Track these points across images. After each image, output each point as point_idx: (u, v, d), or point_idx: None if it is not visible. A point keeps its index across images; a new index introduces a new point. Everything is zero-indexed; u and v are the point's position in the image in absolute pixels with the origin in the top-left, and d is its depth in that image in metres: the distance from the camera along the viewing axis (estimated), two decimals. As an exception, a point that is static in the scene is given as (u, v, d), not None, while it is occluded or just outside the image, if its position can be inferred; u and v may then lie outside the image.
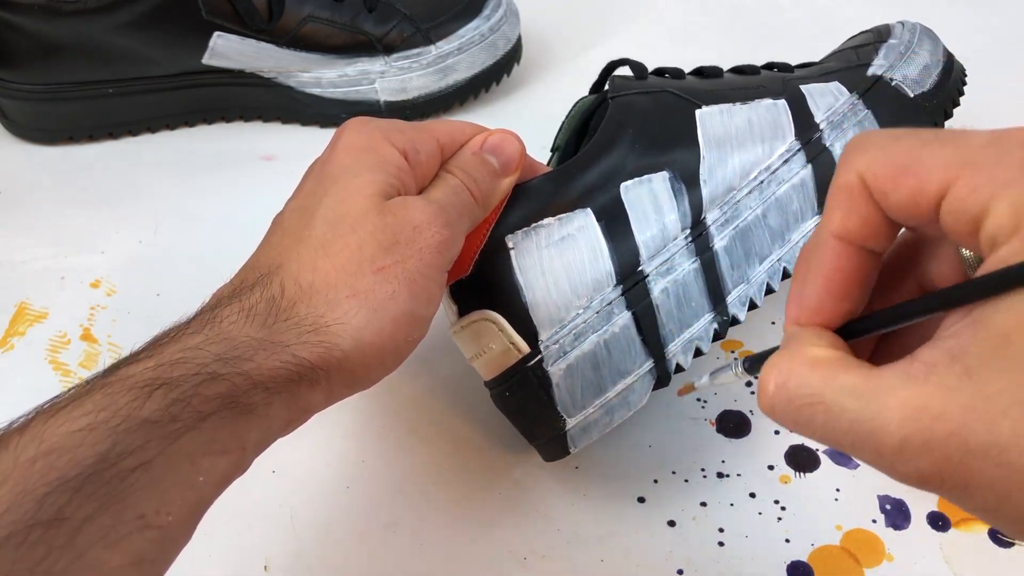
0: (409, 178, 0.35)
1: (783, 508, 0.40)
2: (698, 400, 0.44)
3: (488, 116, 0.62)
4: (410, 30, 0.58)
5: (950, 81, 0.48)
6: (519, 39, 0.62)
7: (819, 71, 0.47)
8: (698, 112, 0.42)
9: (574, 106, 0.45)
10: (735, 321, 0.40)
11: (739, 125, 0.42)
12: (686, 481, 0.41)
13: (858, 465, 0.42)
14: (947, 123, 0.47)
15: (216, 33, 0.56)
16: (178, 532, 0.26)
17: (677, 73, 0.45)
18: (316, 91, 0.59)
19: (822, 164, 0.43)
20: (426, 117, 0.61)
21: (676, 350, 0.39)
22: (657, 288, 0.39)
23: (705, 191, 0.41)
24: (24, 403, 0.46)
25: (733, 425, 0.43)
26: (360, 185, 0.33)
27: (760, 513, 0.40)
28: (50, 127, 0.59)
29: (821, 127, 0.43)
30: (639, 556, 0.39)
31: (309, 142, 0.60)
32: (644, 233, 0.40)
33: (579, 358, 0.38)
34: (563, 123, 0.45)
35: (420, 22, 0.58)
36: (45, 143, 0.60)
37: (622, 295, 0.39)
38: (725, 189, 0.41)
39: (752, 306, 0.41)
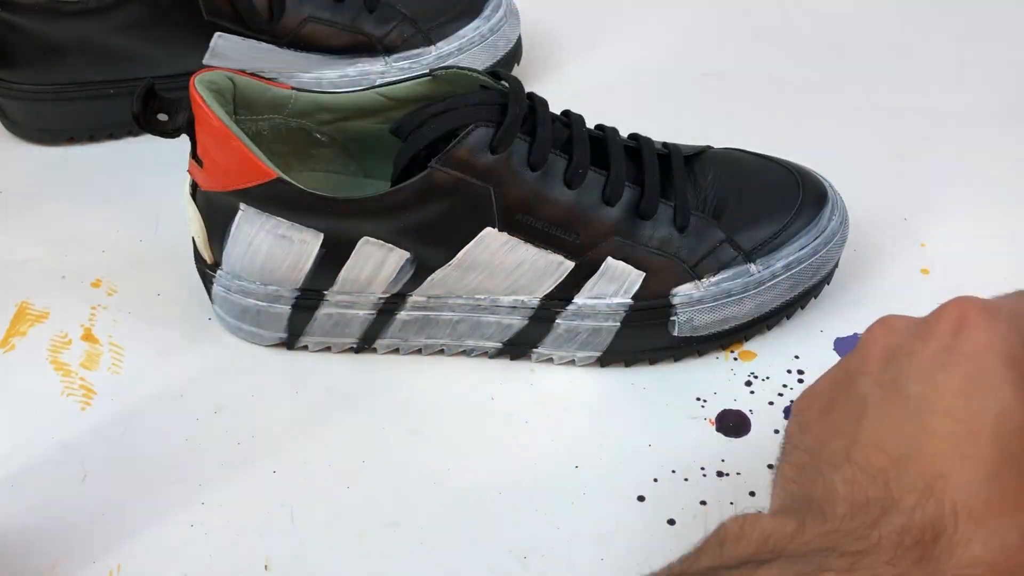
0: None
1: (783, 508, 0.40)
2: (698, 400, 0.44)
3: (488, 116, 0.62)
4: (410, 31, 0.58)
5: (728, 339, 0.45)
6: (519, 39, 0.62)
7: (670, 251, 0.42)
8: (487, 230, 0.41)
9: (440, 107, 0.41)
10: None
11: (509, 263, 0.42)
12: (686, 480, 0.41)
13: (858, 465, 0.42)
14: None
15: (217, 34, 0.56)
16: None
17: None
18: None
19: (534, 331, 0.44)
20: (426, 117, 0.61)
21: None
22: (323, 311, 0.44)
23: (426, 284, 0.43)
24: (25, 403, 0.46)
25: (733, 424, 0.43)
26: None
27: (760, 512, 0.40)
28: (50, 127, 0.59)
29: (568, 307, 0.43)
30: (639, 555, 0.39)
31: (309, 142, 0.60)
32: (346, 278, 0.43)
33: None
34: (416, 116, 0.41)
35: (420, 23, 0.58)
36: (45, 143, 0.60)
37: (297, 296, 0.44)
38: (445, 292, 0.43)
39: (394, 351, 0.45)
